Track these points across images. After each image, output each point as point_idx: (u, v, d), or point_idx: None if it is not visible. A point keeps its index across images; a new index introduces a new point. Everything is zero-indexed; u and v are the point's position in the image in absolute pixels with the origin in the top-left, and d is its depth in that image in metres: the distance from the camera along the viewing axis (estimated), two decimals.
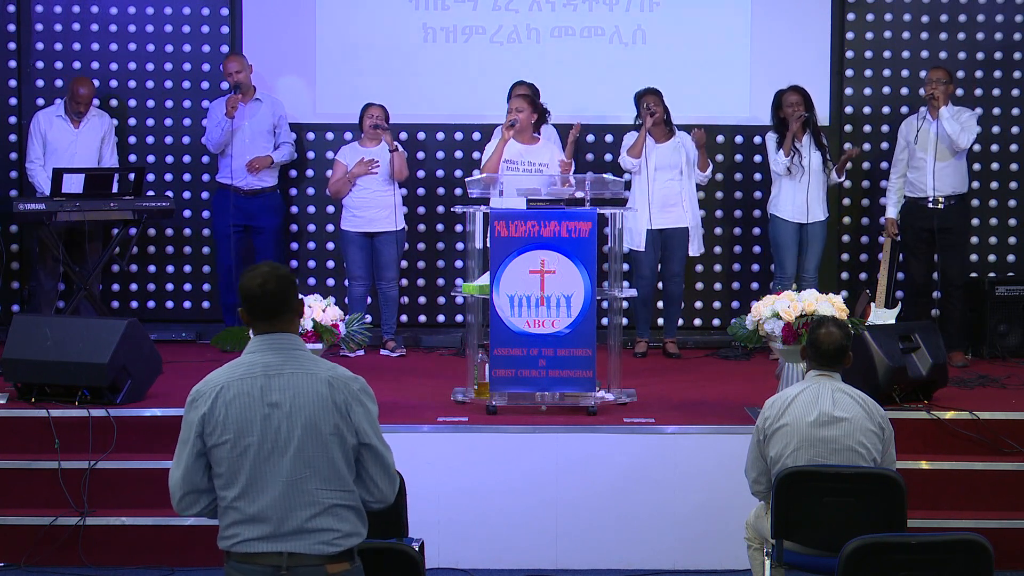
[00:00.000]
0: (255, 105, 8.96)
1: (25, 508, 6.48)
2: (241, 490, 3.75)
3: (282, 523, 3.73)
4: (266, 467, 3.74)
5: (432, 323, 9.58)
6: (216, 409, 3.76)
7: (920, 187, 8.54)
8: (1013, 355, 8.72)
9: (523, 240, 6.77)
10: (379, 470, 3.83)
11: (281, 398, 3.76)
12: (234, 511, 3.77)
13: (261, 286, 3.83)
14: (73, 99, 8.91)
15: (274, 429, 3.74)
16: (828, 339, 5.10)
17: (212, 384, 3.82)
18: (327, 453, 3.75)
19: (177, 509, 3.88)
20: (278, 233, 9.17)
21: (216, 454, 3.78)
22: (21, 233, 9.44)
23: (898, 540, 4.24)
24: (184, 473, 3.82)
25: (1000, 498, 6.53)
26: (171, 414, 6.75)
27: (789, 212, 8.70)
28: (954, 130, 8.35)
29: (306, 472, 3.74)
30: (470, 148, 9.43)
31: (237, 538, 3.78)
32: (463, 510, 6.43)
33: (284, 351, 3.83)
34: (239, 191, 8.93)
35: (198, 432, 3.79)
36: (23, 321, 7.15)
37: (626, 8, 9.38)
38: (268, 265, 3.92)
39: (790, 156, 8.56)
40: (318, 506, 3.74)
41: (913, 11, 9.43)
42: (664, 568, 6.45)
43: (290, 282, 3.90)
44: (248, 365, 3.82)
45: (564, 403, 6.88)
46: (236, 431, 3.74)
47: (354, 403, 3.79)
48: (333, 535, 3.75)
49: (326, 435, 3.75)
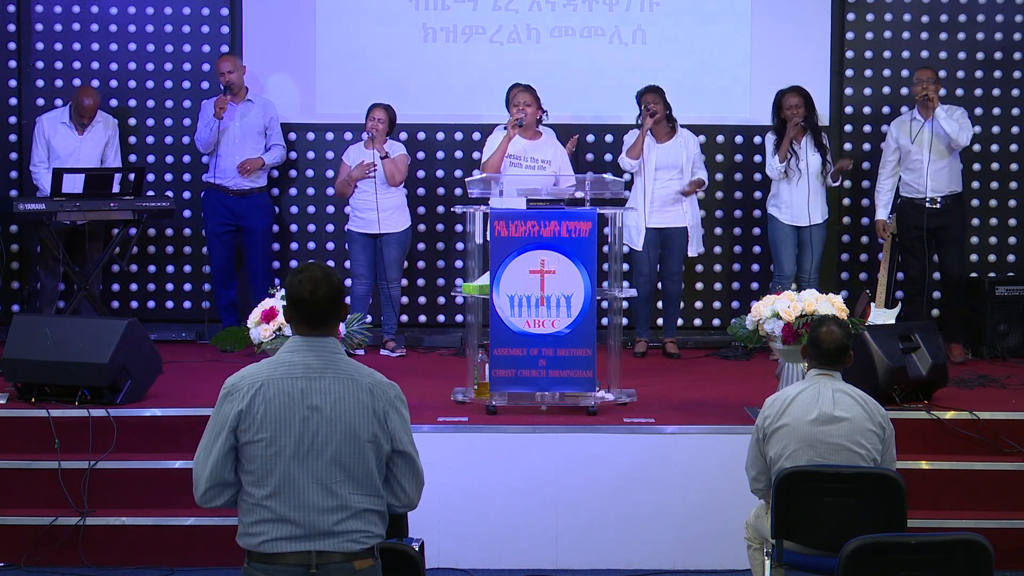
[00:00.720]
0: (246, 106, 8.96)
1: (25, 508, 6.48)
2: (273, 489, 3.74)
3: (312, 524, 3.73)
4: (300, 469, 3.73)
5: (432, 323, 9.58)
6: (254, 406, 3.74)
7: (916, 187, 8.54)
8: (1013, 355, 8.72)
9: (523, 240, 6.77)
10: (410, 476, 3.86)
11: (322, 402, 3.76)
12: (263, 509, 3.75)
13: (311, 292, 3.81)
14: (78, 110, 8.89)
15: (312, 432, 3.74)
16: (829, 338, 5.10)
17: (250, 380, 3.79)
18: (363, 459, 3.76)
19: (199, 501, 3.83)
20: (267, 233, 9.17)
21: (249, 451, 3.75)
22: (21, 233, 9.44)
23: (898, 540, 4.24)
24: (213, 467, 3.77)
25: (1000, 498, 6.53)
26: (171, 414, 6.77)
27: (787, 214, 8.70)
28: (953, 129, 8.36)
29: (340, 476, 3.75)
30: (470, 148, 9.43)
31: (262, 536, 3.75)
32: (463, 510, 6.43)
33: (325, 354, 3.82)
34: (227, 191, 8.94)
35: (232, 427, 3.75)
36: (23, 321, 7.15)
37: (626, 8, 9.38)
38: (319, 269, 3.87)
39: (785, 161, 8.56)
40: (349, 510, 3.75)
41: (913, 11, 9.42)
42: (664, 568, 6.45)
43: (340, 288, 3.88)
44: (289, 365, 3.80)
45: (564, 403, 6.88)
46: (273, 430, 3.73)
47: (391, 411, 3.82)
48: (360, 535, 3.77)
49: (364, 442, 3.76)
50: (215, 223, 8.99)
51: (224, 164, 8.90)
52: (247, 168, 8.87)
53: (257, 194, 9.05)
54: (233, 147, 8.90)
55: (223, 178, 8.92)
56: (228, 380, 3.84)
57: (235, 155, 8.91)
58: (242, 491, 3.79)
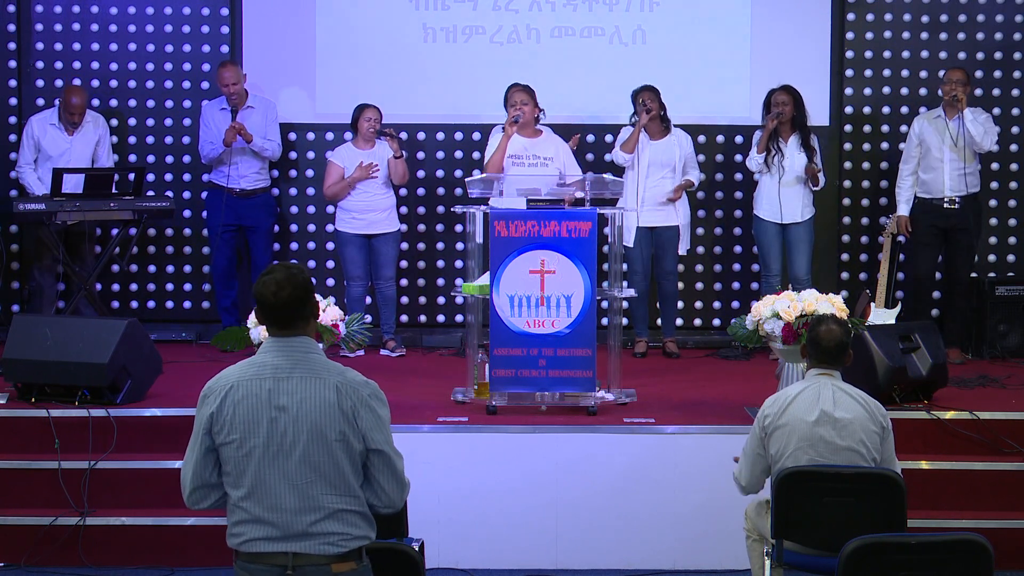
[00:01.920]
0: (247, 112, 8.94)
1: (25, 508, 6.48)
2: (247, 491, 3.76)
3: (287, 526, 3.73)
4: (271, 470, 3.74)
5: (432, 323, 9.57)
6: (224, 408, 3.77)
7: (935, 188, 8.52)
8: (1013, 355, 8.72)
9: (523, 240, 6.77)
10: (388, 476, 3.82)
11: (288, 402, 3.76)
12: (240, 510, 3.78)
13: (275, 294, 3.81)
14: (67, 109, 8.87)
15: (280, 432, 3.75)
16: (828, 336, 5.10)
17: (223, 382, 3.82)
18: (333, 459, 3.75)
19: (187, 503, 3.87)
20: (270, 233, 9.18)
21: (224, 452, 3.78)
22: (21, 233, 9.43)
23: (898, 540, 4.24)
24: (194, 469, 3.81)
25: (1000, 498, 6.53)
26: (171, 414, 6.77)
27: (767, 211, 8.70)
28: (978, 132, 8.35)
29: (311, 476, 3.74)
30: (470, 148, 9.43)
31: (243, 537, 3.78)
32: (463, 510, 6.43)
33: (295, 354, 3.82)
34: (232, 192, 8.94)
35: (206, 429, 3.79)
36: (23, 321, 7.15)
37: (626, 8, 9.38)
38: (283, 270, 3.88)
39: (764, 154, 8.56)
40: (323, 511, 3.74)
41: (913, 11, 9.42)
42: (664, 568, 6.45)
43: (306, 288, 3.86)
44: (259, 366, 3.82)
45: (564, 403, 6.88)
46: (243, 431, 3.75)
47: (362, 408, 3.78)
48: (338, 537, 3.76)
49: (331, 441, 3.75)
50: (218, 223, 8.98)
51: (230, 171, 8.90)
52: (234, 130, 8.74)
53: (261, 194, 9.05)
54: (236, 153, 8.91)
55: (227, 181, 8.92)
56: (207, 383, 3.87)
57: (238, 160, 8.91)
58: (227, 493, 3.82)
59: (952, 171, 8.46)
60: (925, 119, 8.64)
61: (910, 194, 8.65)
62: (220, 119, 8.93)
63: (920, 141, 8.57)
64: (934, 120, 8.56)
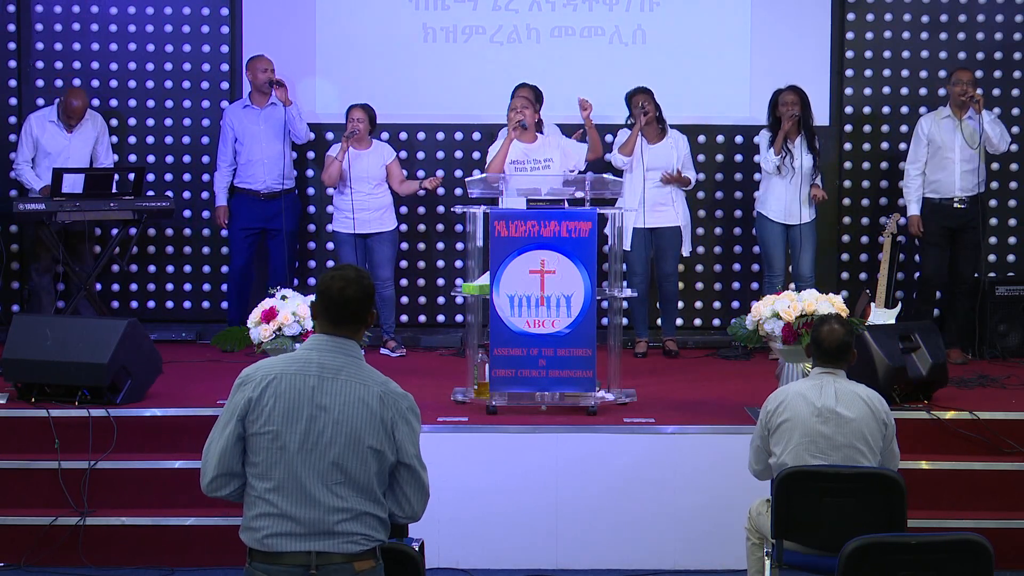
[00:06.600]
0: (270, 109, 8.93)
1: (25, 508, 6.48)
2: (277, 484, 3.75)
3: (314, 523, 3.74)
4: (304, 466, 3.74)
5: (432, 323, 9.57)
6: (265, 397, 3.76)
7: (945, 188, 8.52)
8: (1013, 355, 8.72)
9: (523, 240, 6.77)
10: (414, 489, 3.86)
11: (331, 403, 3.77)
12: (265, 503, 3.76)
13: (341, 290, 3.84)
14: (66, 111, 8.86)
15: (318, 431, 3.75)
16: (831, 336, 5.11)
17: (265, 371, 3.81)
18: (364, 465, 3.76)
19: (205, 490, 3.85)
20: (293, 235, 9.15)
21: (255, 443, 3.77)
22: (21, 233, 9.43)
23: (898, 540, 4.24)
24: (220, 455, 3.79)
25: (1000, 498, 6.53)
26: (171, 414, 6.77)
27: (776, 212, 8.69)
28: (996, 133, 8.36)
29: (341, 478, 3.75)
30: (470, 148, 9.43)
31: (264, 531, 3.76)
32: (463, 510, 6.43)
33: (343, 356, 3.84)
34: (258, 195, 8.92)
35: (241, 416, 3.78)
36: (23, 321, 7.15)
37: (626, 8, 9.38)
38: (354, 271, 3.92)
39: (780, 155, 8.55)
40: (349, 512, 3.76)
41: (913, 11, 9.42)
42: (664, 568, 6.45)
43: (369, 293, 3.90)
44: (304, 362, 3.82)
45: (564, 403, 6.88)
46: (280, 424, 3.75)
47: (400, 422, 3.81)
48: (360, 537, 3.78)
49: (366, 448, 3.76)
50: (242, 225, 8.97)
51: (254, 170, 8.91)
52: (282, 87, 8.76)
53: (287, 195, 9.00)
54: (261, 151, 8.90)
55: (253, 182, 8.92)
56: (244, 370, 3.87)
57: (263, 158, 8.90)
58: (247, 484, 3.80)
59: (964, 171, 8.47)
60: (933, 119, 8.62)
61: (919, 194, 8.63)
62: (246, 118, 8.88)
63: (929, 141, 8.56)
64: (943, 120, 8.55)
